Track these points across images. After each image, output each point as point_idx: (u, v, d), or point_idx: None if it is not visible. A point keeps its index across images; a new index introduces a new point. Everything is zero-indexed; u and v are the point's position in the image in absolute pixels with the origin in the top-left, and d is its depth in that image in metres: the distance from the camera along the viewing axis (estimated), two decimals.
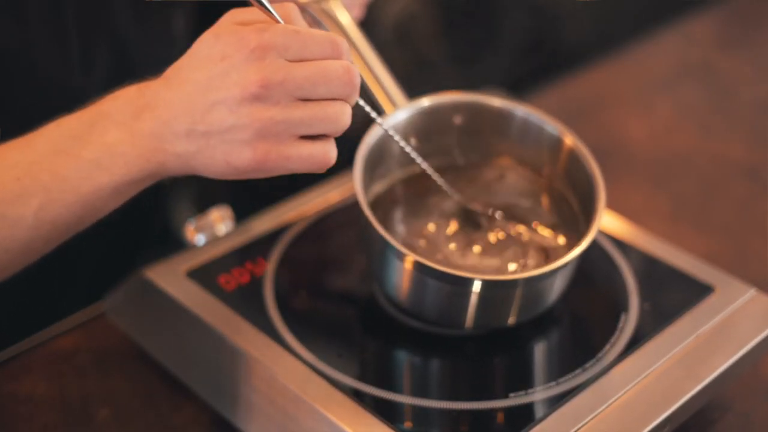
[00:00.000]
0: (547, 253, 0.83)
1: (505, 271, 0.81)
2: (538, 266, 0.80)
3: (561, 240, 0.84)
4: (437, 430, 0.74)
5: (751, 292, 0.84)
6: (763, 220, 1.11)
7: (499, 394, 0.75)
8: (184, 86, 0.65)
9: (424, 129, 0.86)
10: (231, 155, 0.65)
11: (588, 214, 0.81)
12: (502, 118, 0.89)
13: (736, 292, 0.84)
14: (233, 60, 0.64)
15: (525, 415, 0.73)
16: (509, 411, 0.73)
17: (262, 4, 0.66)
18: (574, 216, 0.85)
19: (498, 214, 0.86)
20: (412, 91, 1.13)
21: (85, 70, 0.91)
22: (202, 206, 1.01)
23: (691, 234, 1.08)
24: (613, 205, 0.98)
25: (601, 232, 0.91)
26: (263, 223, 0.91)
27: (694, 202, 1.15)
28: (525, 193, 0.88)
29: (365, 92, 0.82)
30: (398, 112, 0.84)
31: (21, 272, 0.99)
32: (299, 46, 0.65)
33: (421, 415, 0.73)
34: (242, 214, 0.93)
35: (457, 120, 0.88)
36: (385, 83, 0.85)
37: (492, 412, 0.73)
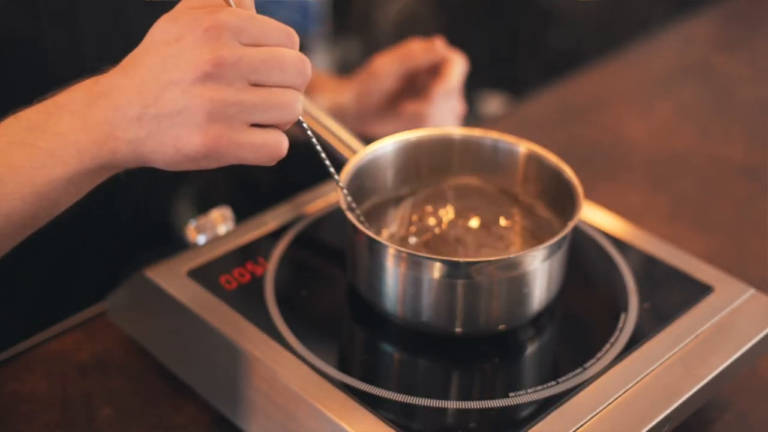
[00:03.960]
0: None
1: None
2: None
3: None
4: (437, 429, 0.74)
5: (750, 292, 0.84)
6: (762, 220, 1.11)
7: (500, 394, 0.75)
8: (138, 70, 0.64)
9: (396, 165, 0.89)
10: (180, 140, 0.63)
11: (565, 213, 0.82)
12: (465, 147, 0.91)
13: (735, 291, 0.84)
14: (187, 40, 0.63)
15: (525, 414, 0.73)
16: (509, 410, 0.73)
17: None
18: (551, 225, 0.85)
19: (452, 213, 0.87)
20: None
21: (96, 63, 0.91)
22: (202, 206, 1.01)
23: (691, 234, 1.08)
24: (613, 205, 0.98)
25: (600, 232, 0.91)
26: (263, 223, 0.91)
27: (694, 202, 1.15)
28: (498, 209, 0.89)
29: (326, 147, 0.84)
30: (372, 150, 0.87)
31: (22, 272, 0.99)
32: (255, 31, 0.64)
33: (421, 414, 0.73)
34: (242, 214, 0.93)
35: (424, 155, 0.90)
36: (341, 135, 0.88)
37: (492, 411, 0.73)
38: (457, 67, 1.03)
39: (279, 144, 0.65)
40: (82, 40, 0.89)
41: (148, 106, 0.63)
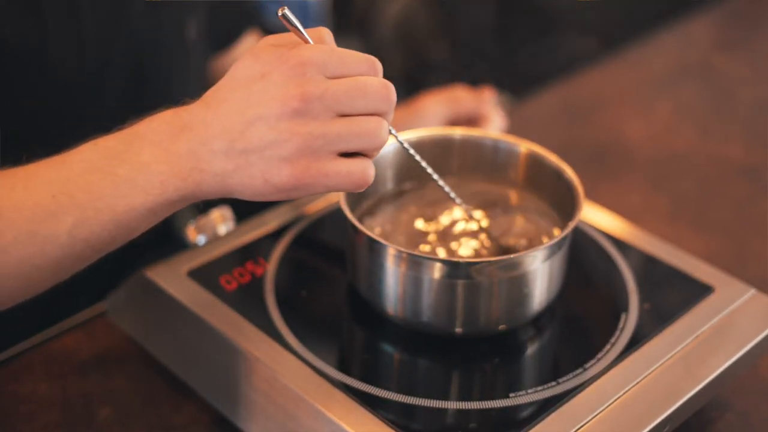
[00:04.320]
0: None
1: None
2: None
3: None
4: (437, 429, 0.74)
5: (751, 292, 0.84)
6: (762, 220, 1.11)
7: (500, 394, 0.75)
8: (222, 106, 0.65)
9: (396, 165, 0.89)
10: (269, 172, 0.64)
11: (566, 213, 0.82)
12: (465, 148, 0.91)
13: (735, 292, 0.84)
14: (272, 77, 0.64)
15: (525, 415, 0.73)
16: (510, 411, 0.73)
17: (296, 26, 0.66)
18: (551, 225, 0.86)
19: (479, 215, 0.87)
20: (414, 92, 1.14)
21: (100, 71, 0.91)
22: (202, 206, 1.01)
23: (691, 234, 1.08)
24: (613, 205, 0.98)
25: (600, 232, 0.91)
26: (263, 223, 0.91)
27: (694, 203, 1.15)
28: (499, 209, 0.89)
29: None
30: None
31: None
32: (337, 63, 0.65)
33: (421, 414, 0.73)
34: (243, 214, 0.93)
35: (424, 155, 0.90)
36: None
37: (492, 411, 0.73)
38: (496, 126, 1.04)
39: (364, 171, 0.66)
40: (84, 42, 0.89)
41: (235, 140, 0.64)
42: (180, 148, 0.65)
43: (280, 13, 0.65)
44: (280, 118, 0.63)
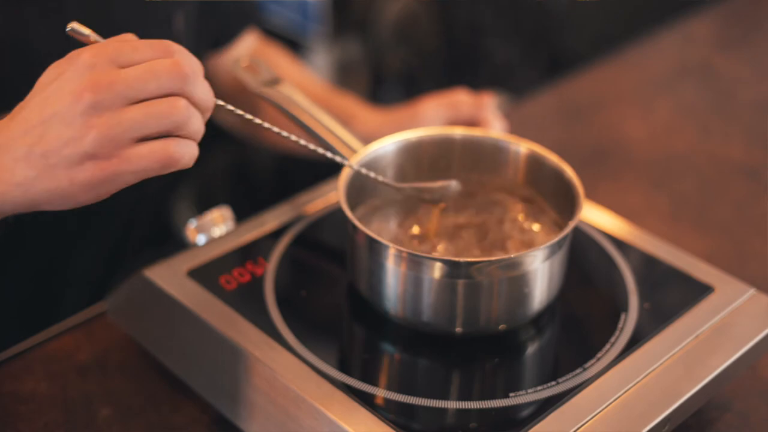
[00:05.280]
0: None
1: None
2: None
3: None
4: (437, 429, 0.74)
5: (751, 292, 0.84)
6: (762, 220, 1.11)
7: (500, 394, 0.75)
8: (22, 111, 0.65)
9: (396, 165, 0.89)
10: (73, 171, 0.64)
11: (566, 213, 0.82)
12: (465, 147, 0.91)
13: (735, 291, 0.84)
14: (65, 75, 0.65)
15: (525, 414, 0.73)
16: (509, 410, 0.73)
17: (88, 36, 0.67)
18: (551, 225, 0.86)
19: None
20: (414, 92, 1.14)
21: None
22: (202, 206, 1.01)
23: (691, 234, 1.08)
24: (613, 205, 0.98)
25: (601, 232, 0.91)
26: (263, 223, 0.91)
27: (694, 202, 1.15)
28: (499, 209, 0.89)
29: (329, 148, 0.87)
30: (372, 150, 0.87)
31: (22, 272, 0.99)
32: (129, 52, 0.65)
33: (421, 414, 0.74)
34: (242, 214, 0.93)
35: (424, 155, 0.91)
36: (341, 135, 0.89)
37: (492, 411, 0.73)
38: (496, 131, 1.04)
39: (165, 149, 0.65)
40: (71, 45, 0.89)
41: (34, 144, 0.64)
42: None
43: (68, 29, 0.66)
44: (74, 113, 0.63)
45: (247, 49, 1.17)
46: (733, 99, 1.38)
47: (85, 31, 0.67)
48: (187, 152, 0.66)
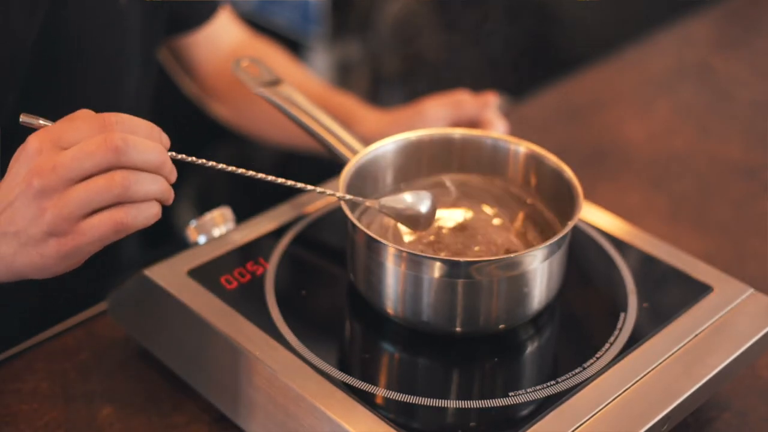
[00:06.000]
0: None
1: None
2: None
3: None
4: (437, 429, 0.74)
5: (749, 292, 0.84)
6: (761, 220, 1.11)
7: (499, 393, 0.75)
8: (0, 190, 0.70)
9: (396, 165, 0.90)
10: (39, 247, 0.69)
11: (565, 213, 0.82)
12: (465, 148, 0.91)
13: (734, 291, 0.84)
14: (19, 160, 0.69)
15: (524, 414, 0.73)
16: (509, 410, 0.74)
17: (38, 122, 0.70)
18: (551, 225, 0.86)
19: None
20: (414, 93, 1.14)
21: (24, 15, 0.90)
22: (203, 207, 1.01)
23: (690, 234, 1.08)
24: (613, 205, 0.99)
25: (600, 232, 0.91)
26: (263, 223, 0.91)
27: (693, 202, 1.15)
28: (498, 209, 0.89)
29: (329, 149, 0.90)
30: (376, 149, 0.87)
31: None
32: (70, 131, 0.68)
33: (421, 413, 0.74)
34: (243, 214, 0.93)
35: (424, 155, 0.91)
36: (341, 135, 0.90)
37: (492, 410, 0.74)
38: (498, 131, 1.04)
39: (111, 218, 0.68)
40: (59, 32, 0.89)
41: (7, 224, 0.69)
42: None
43: (20, 120, 0.70)
44: (29, 197, 0.68)
45: (229, 35, 1.16)
46: (732, 99, 1.38)
47: (34, 121, 0.70)
48: (138, 215, 0.69)
